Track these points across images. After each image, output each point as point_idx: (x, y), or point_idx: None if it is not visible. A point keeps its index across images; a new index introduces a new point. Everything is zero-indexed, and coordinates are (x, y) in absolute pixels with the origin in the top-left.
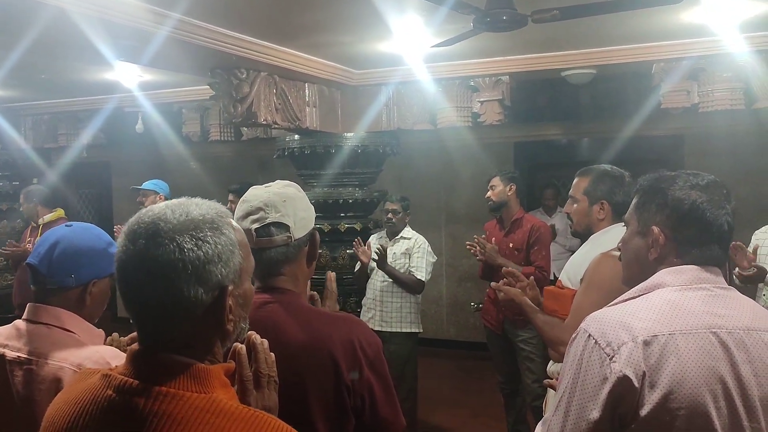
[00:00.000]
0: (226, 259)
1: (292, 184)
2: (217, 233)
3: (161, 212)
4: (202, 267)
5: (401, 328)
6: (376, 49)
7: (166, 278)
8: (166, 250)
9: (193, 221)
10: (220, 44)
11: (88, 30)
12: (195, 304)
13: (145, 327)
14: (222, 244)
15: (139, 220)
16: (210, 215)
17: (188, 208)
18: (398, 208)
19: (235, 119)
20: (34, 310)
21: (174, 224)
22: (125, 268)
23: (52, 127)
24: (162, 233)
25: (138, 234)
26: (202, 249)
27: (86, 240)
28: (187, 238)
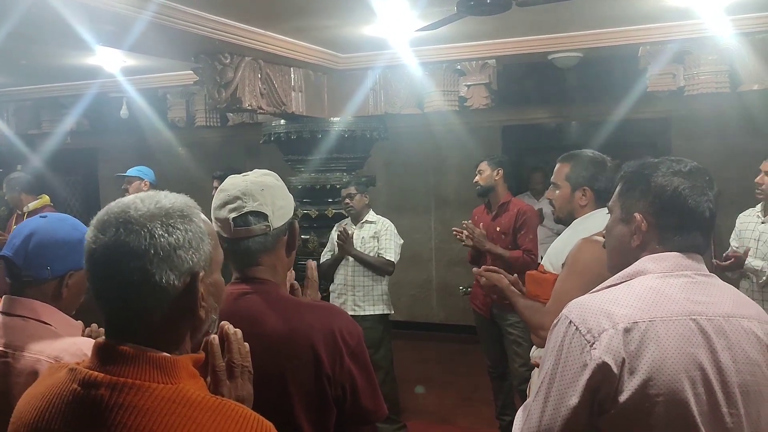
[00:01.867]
0: (197, 246)
1: (271, 173)
2: (187, 221)
3: (131, 201)
4: (173, 252)
5: (374, 311)
6: (362, 32)
7: (138, 264)
8: (137, 237)
9: (163, 209)
10: (203, 29)
11: (67, 15)
12: (166, 289)
13: (114, 318)
14: (192, 231)
15: (108, 211)
16: (179, 204)
17: (158, 197)
18: (353, 191)
19: (219, 105)
20: (10, 303)
21: (144, 212)
22: (96, 258)
23: (34, 113)
24: (132, 221)
25: (108, 223)
26: (173, 235)
27: (62, 231)
28: (157, 224)
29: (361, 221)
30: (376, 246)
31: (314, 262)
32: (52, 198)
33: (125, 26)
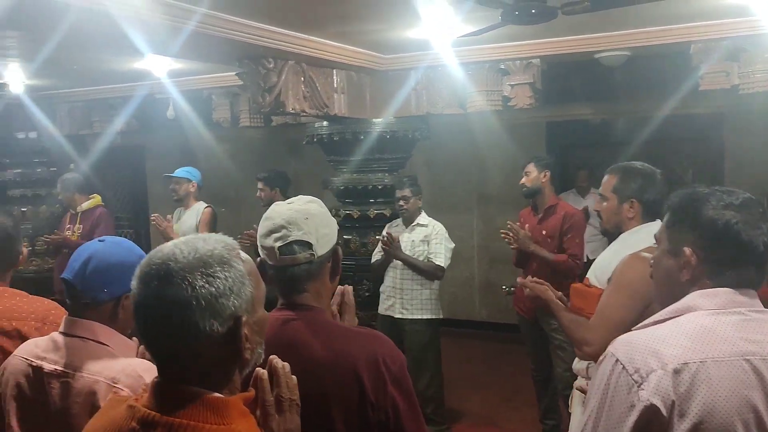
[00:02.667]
0: (238, 291)
1: (315, 200)
2: (227, 267)
3: (170, 252)
4: (216, 300)
5: (422, 315)
6: (405, 35)
7: (181, 316)
8: (179, 289)
9: (202, 259)
10: (247, 36)
11: (114, 27)
12: (211, 336)
13: (165, 361)
14: (233, 277)
15: (150, 262)
16: (218, 250)
17: (196, 245)
18: (408, 194)
19: (263, 109)
20: (70, 324)
21: (184, 263)
22: (141, 309)
23: (86, 114)
24: (173, 273)
25: (150, 276)
26: (214, 285)
27: (117, 255)
28: (197, 276)
29: (413, 224)
30: (426, 250)
31: (350, 287)
32: (103, 194)
33: (170, 36)
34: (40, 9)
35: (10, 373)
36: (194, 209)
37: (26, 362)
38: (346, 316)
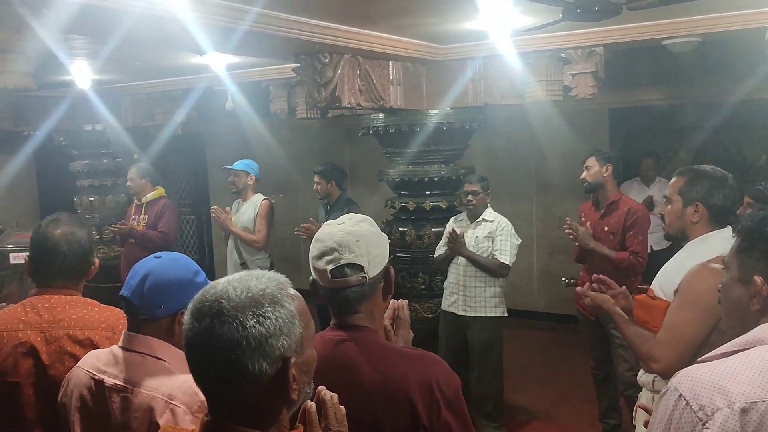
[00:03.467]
0: (288, 332)
1: (365, 220)
2: (278, 307)
3: (224, 290)
4: (265, 342)
5: (485, 313)
6: (463, 26)
7: (231, 355)
8: (230, 329)
9: (254, 298)
10: (302, 33)
11: (169, 29)
12: (259, 377)
13: (215, 399)
14: (283, 318)
15: (203, 298)
16: (270, 290)
17: (249, 284)
18: (478, 189)
19: (319, 104)
20: (129, 339)
21: (236, 302)
22: (193, 345)
23: (148, 106)
24: (225, 312)
25: (203, 313)
26: (264, 325)
27: (174, 272)
28: (249, 316)
29: (478, 219)
30: (491, 246)
31: (405, 302)
32: (165, 182)
33: (226, 36)
34: (101, 16)
35: (74, 384)
36: (252, 201)
37: (89, 375)
38: (401, 332)
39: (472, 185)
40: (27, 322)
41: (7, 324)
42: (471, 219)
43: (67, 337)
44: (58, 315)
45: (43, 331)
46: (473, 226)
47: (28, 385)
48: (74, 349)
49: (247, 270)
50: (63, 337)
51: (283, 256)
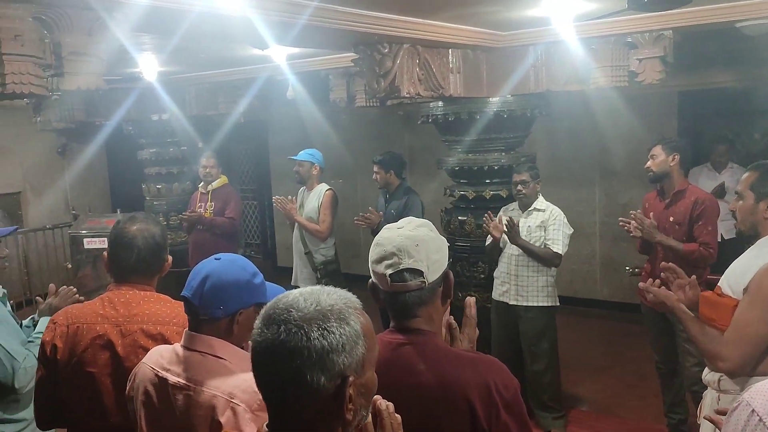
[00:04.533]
0: (350, 350)
1: (425, 224)
2: (343, 324)
3: (294, 300)
4: (326, 355)
5: (537, 302)
6: (525, 13)
7: (293, 363)
8: (294, 337)
9: (322, 311)
10: (360, 25)
11: (232, 26)
12: (318, 390)
13: (274, 408)
14: (347, 335)
15: (275, 306)
16: (338, 306)
17: (319, 297)
18: (527, 178)
19: (378, 94)
20: (190, 338)
21: (304, 313)
22: (260, 351)
23: (212, 95)
24: (292, 320)
25: (273, 320)
26: (327, 339)
27: (232, 273)
28: (314, 327)
29: (530, 209)
30: (543, 236)
31: (473, 299)
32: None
33: (285, 30)
34: (166, 16)
35: (140, 379)
36: (316, 191)
37: (153, 371)
38: (467, 330)
39: (520, 175)
40: (104, 315)
41: (86, 317)
42: (522, 208)
43: (141, 332)
44: (132, 310)
45: (119, 324)
46: (525, 215)
47: (105, 375)
48: (147, 343)
49: (319, 287)
50: (137, 331)
51: (343, 241)
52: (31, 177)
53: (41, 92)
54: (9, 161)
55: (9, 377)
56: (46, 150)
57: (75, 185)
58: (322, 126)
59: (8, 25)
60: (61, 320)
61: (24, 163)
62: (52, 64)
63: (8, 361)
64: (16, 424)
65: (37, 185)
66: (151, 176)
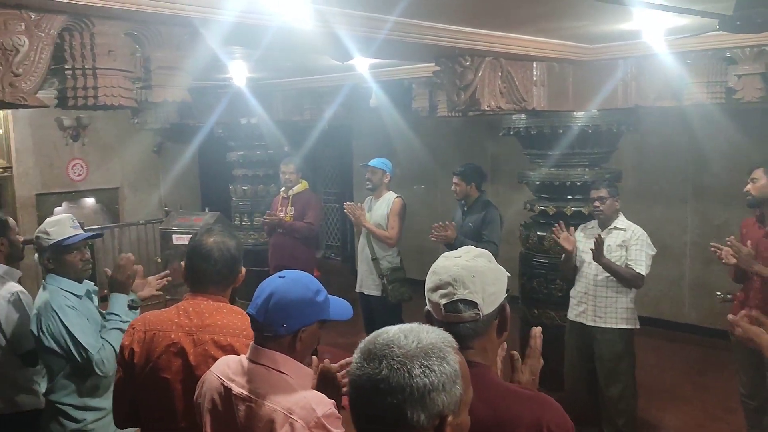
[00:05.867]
0: (449, 389)
1: (483, 255)
2: (443, 363)
3: (395, 336)
4: (427, 394)
5: (616, 324)
6: (614, 27)
7: (394, 400)
8: (397, 374)
9: (424, 348)
10: (442, 39)
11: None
12: (416, 429)
13: None
14: (447, 374)
15: (375, 341)
16: (438, 345)
17: (419, 335)
18: (605, 194)
19: (458, 107)
20: (255, 352)
21: (406, 350)
22: (359, 386)
23: (298, 101)
24: (395, 357)
25: (373, 355)
26: (429, 377)
27: (296, 292)
28: (416, 365)
29: (609, 227)
30: (624, 256)
31: (539, 329)
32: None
33: (366, 44)
34: (251, 32)
35: (207, 387)
36: (385, 198)
37: (220, 381)
38: (530, 361)
39: (598, 191)
40: (179, 324)
41: (162, 324)
42: (602, 226)
43: (212, 342)
44: (205, 320)
45: (192, 333)
46: (605, 234)
47: (177, 381)
48: (217, 353)
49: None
50: (208, 341)
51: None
52: (128, 174)
53: (130, 104)
54: (110, 158)
55: (89, 367)
56: (143, 149)
57: (168, 183)
58: (405, 133)
59: (103, 41)
60: (139, 326)
61: (123, 160)
62: (141, 78)
63: (85, 354)
64: (97, 412)
65: (134, 182)
66: (238, 177)
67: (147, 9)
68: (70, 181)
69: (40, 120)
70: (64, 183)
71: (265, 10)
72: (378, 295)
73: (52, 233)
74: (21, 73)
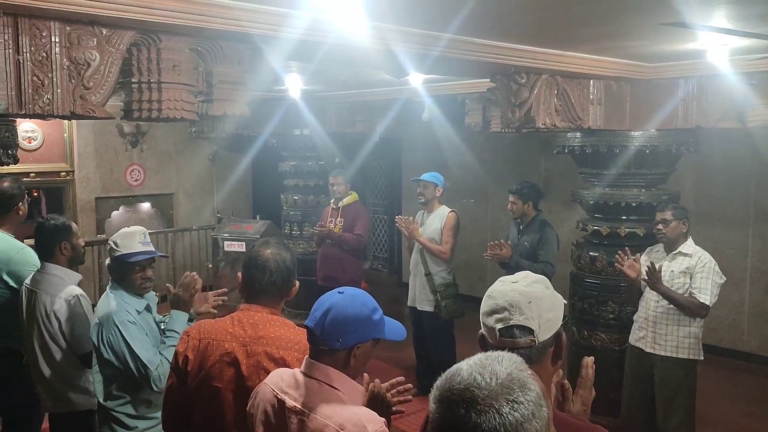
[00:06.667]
0: (539, 414)
1: (540, 280)
2: (527, 391)
3: (471, 378)
4: (520, 427)
5: (676, 354)
6: (677, 47)
7: None
8: (487, 417)
9: (504, 384)
10: (497, 57)
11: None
12: None
13: None
14: (533, 402)
15: (450, 387)
16: (515, 373)
17: (495, 369)
18: (669, 217)
19: (512, 124)
20: (309, 366)
21: (488, 391)
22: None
23: (350, 114)
24: (479, 401)
25: (454, 401)
26: (518, 411)
27: (353, 308)
28: (503, 403)
29: (675, 252)
30: (687, 283)
31: (591, 359)
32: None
33: (420, 60)
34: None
35: (261, 399)
36: (438, 213)
37: (273, 393)
38: (581, 391)
39: (663, 213)
40: (233, 334)
41: (217, 334)
42: (667, 250)
43: (265, 354)
44: (259, 332)
45: (245, 344)
46: (669, 258)
47: (228, 390)
48: (269, 365)
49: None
50: (261, 353)
51: (469, 263)
52: (184, 180)
53: (191, 117)
54: (166, 165)
55: (146, 382)
56: (199, 156)
57: (221, 190)
58: (457, 147)
59: (169, 57)
60: (194, 333)
61: (179, 167)
62: (202, 92)
63: (144, 370)
64: (149, 421)
65: (189, 188)
66: (289, 187)
67: (212, 26)
68: (128, 186)
69: (102, 126)
70: (122, 188)
71: (326, 28)
72: (430, 310)
73: (121, 246)
74: (91, 86)
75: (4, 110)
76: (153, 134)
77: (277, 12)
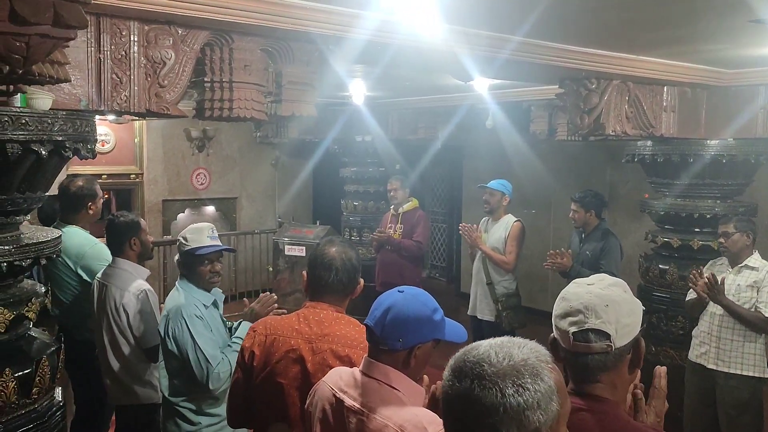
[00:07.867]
0: (545, 407)
1: (618, 283)
2: (537, 380)
3: (486, 353)
4: (522, 413)
5: (741, 371)
6: (758, 52)
7: (488, 420)
8: (489, 394)
9: (515, 367)
10: (567, 60)
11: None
12: None
13: None
14: (542, 392)
15: (465, 358)
16: (531, 360)
17: (511, 351)
18: (730, 230)
19: (581, 131)
20: (369, 365)
21: (497, 368)
22: (451, 403)
23: (413, 120)
24: (486, 376)
25: (464, 373)
26: (523, 396)
27: (414, 308)
28: (509, 384)
29: (740, 265)
30: (753, 297)
31: (664, 369)
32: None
33: (488, 63)
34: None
35: (319, 397)
36: (503, 222)
37: (332, 391)
38: (654, 402)
39: (725, 225)
40: (299, 331)
41: (283, 330)
42: (732, 264)
43: (330, 351)
44: (324, 329)
45: (311, 342)
46: (734, 272)
47: (293, 387)
48: (334, 363)
49: (508, 338)
50: (326, 351)
51: (529, 274)
52: (247, 184)
53: (261, 117)
54: (231, 169)
55: (204, 378)
56: (262, 162)
57: (283, 195)
58: (519, 155)
59: (241, 56)
60: (261, 329)
61: (242, 172)
62: (272, 92)
63: (204, 364)
64: (212, 417)
65: (252, 192)
66: (350, 193)
67: (283, 26)
68: (194, 189)
69: (170, 130)
70: (188, 191)
71: (394, 29)
72: (491, 320)
73: (190, 240)
74: (166, 84)
75: (85, 107)
76: (219, 139)
77: (347, 13)
